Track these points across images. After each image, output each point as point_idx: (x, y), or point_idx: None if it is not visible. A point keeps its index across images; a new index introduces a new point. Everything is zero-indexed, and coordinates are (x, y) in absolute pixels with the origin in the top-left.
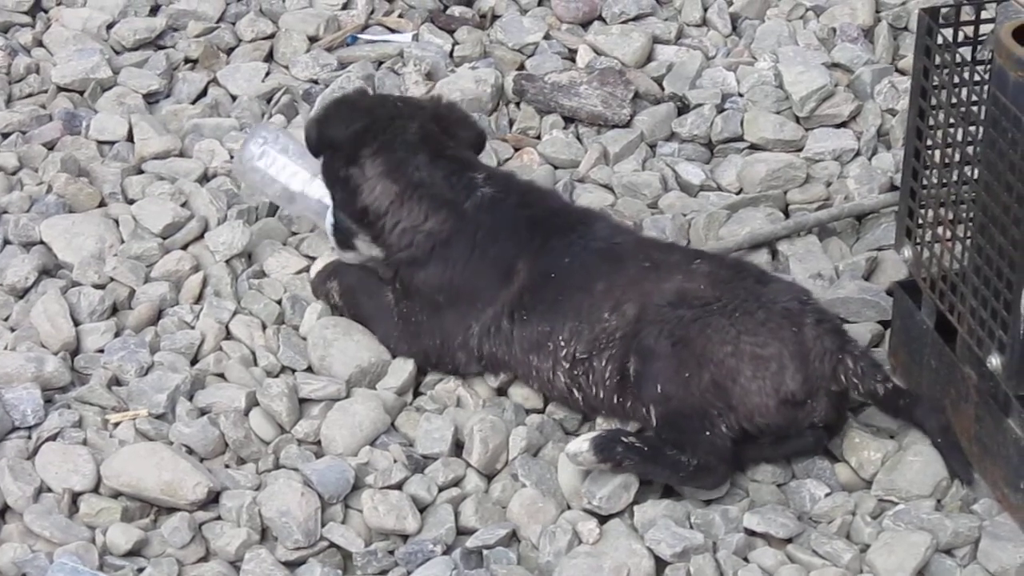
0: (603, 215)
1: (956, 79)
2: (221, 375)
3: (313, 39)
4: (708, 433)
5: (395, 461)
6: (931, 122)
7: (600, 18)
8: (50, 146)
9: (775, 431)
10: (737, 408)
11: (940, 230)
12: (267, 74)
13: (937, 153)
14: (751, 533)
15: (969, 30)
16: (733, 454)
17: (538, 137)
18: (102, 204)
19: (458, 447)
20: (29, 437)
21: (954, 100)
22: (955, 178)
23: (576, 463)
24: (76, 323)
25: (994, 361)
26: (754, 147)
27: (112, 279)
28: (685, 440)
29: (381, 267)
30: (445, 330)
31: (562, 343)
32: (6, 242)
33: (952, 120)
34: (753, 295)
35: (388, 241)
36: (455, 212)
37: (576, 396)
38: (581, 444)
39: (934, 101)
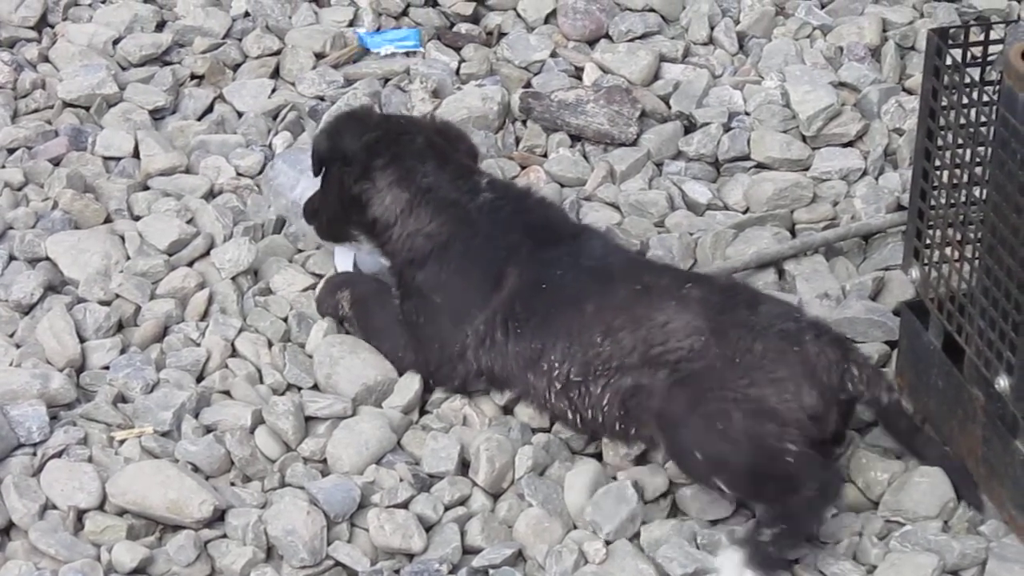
0: (598, 232)
1: (965, 100)
2: (227, 393)
3: (319, 56)
4: (787, 458)
5: (401, 480)
6: (939, 143)
7: (607, 36)
8: (56, 162)
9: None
10: (787, 421)
11: (948, 251)
12: (273, 91)
13: (945, 174)
14: None
15: (978, 51)
16: (820, 453)
17: (544, 155)
18: (108, 220)
19: (464, 466)
20: (34, 454)
21: (963, 121)
22: (963, 199)
23: None
24: (82, 340)
25: (1002, 382)
26: (761, 166)
27: (118, 296)
28: (778, 483)
29: (387, 273)
30: (443, 335)
31: (555, 363)
32: (12, 258)
33: (960, 141)
34: (747, 328)
35: (394, 248)
36: (458, 214)
37: (573, 418)
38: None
39: (943, 122)
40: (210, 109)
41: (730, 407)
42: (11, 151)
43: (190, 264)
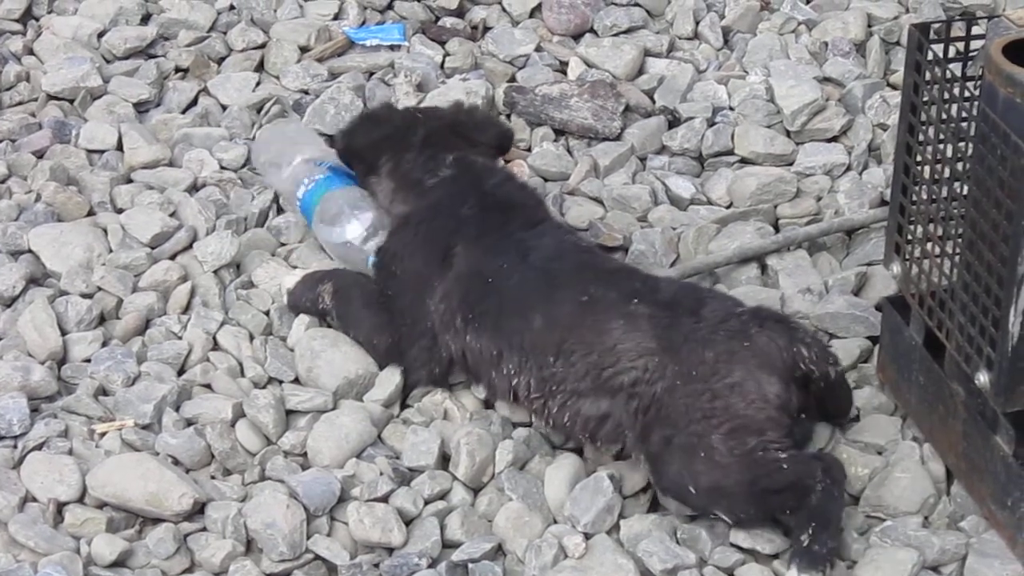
0: (556, 225)
1: (946, 95)
2: (208, 386)
3: (304, 49)
4: (783, 466)
5: (381, 474)
6: (921, 138)
7: (592, 30)
8: (39, 154)
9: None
10: (763, 425)
11: (929, 246)
12: (258, 84)
13: (927, 169)
14: (737, 549)
15: (960, 46)
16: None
17: (528, 149)
18: (91, 213)
19: (445, 460)
20: (15, 446)
21: (944, 116)
22: (944, 194)
23: None
24: (63, 332)
25: (982, 378)
26: (744, 161)
27: (100, 289)
28: (787, 494)
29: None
30: (412, 311)
31: (513, 373)
32: None
33: (942, 136)
34: (694, 339)
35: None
36: (417, 190)
37: (541, 421)
38: None
39: (924, 117)
40: (194, 102)
41: (705, 428)
42: None
43: (172, 257)
